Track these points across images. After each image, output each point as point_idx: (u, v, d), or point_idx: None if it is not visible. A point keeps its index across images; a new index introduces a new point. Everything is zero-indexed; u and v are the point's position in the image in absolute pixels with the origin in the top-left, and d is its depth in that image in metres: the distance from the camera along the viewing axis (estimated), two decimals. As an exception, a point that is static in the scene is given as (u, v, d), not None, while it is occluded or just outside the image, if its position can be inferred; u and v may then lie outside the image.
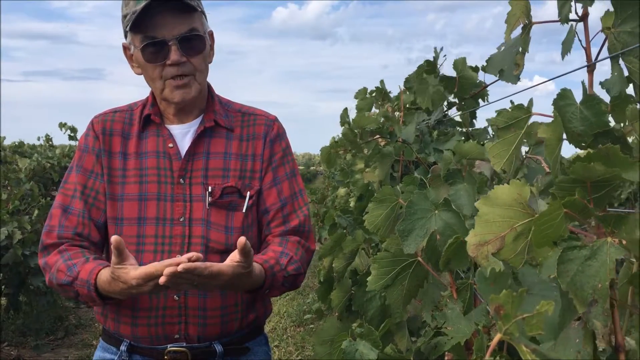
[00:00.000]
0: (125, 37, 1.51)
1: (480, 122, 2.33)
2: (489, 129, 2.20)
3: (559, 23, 0.89)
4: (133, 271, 1.29)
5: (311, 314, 5.90)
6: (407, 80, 2.33)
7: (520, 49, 0.99)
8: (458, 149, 1.25)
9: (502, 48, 1.05)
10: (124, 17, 1.45)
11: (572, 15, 0.87)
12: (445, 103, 2.21)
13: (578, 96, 0.81)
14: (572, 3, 0.87)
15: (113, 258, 1.31)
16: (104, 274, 1.37)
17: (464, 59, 2.11)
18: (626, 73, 0.85)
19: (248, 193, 1.54)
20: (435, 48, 2.15)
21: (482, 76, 2.21)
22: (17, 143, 10.04)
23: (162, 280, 1.23)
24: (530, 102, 0.86)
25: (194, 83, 1.50)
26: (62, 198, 1.56)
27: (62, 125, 9.67)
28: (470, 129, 2.21)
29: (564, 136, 0.80)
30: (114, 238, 1.28)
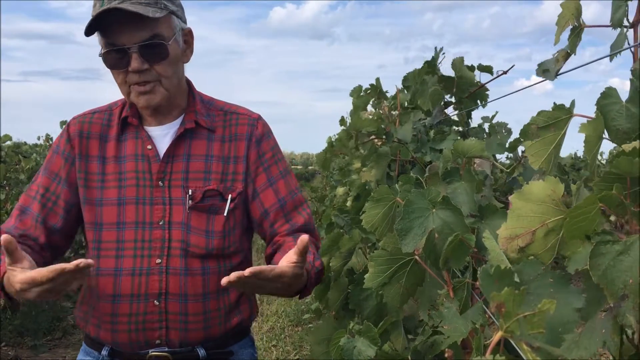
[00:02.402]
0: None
1: (475, 122, 2.33)
2: (485, 127, 2.20)
3: (598, 27, 0.91)
4: (20, 274, 1.24)
5: (310, 314, 5.89)
6: (405, 79, 2.32)
7: (569, 50, 1.00)
8: (457, 147, 1.24)
9: (556, 54, 1.07)
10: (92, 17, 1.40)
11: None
12: (442, 103, 2.21)
13: (580, 97, 0.81)
14: (626, 8, 0.89)
15: (6, 259, 1.26)
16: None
17: (461, 59, 2.10)
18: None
19: (230, 196, 1.50)
20: (435, 48, 2.14)
21: (477, 76, 2.21)
22: (14, 143, 10.00)
23: (224, 281, 1.16)
24: (572, 103, 0.86)
25: (158, 89, 1.45)
26: (24, 199, 1.54)
27: (63, 123, 9.61)
28: (466, 128, 2.21)
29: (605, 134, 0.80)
30: (3, 237, 1.23)
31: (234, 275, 1.17)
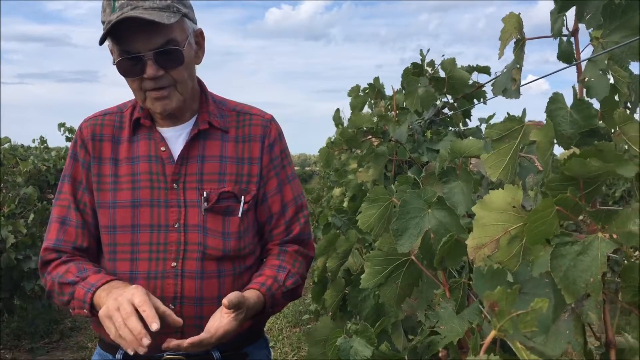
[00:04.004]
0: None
1: (475, 122, 2.33)
2: (482, 128, 2.20)
3: (551, 37, 0.93)
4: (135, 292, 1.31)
5: (309, 315, 5.89)
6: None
7: (517, 65, 1.02)
8: (454, 147, 1.24)
9: (505, 70, 1.09)
10: (102, 23, 1.40)
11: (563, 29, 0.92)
12: (439, 103, 2.21)
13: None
14: (564, 18, 0.91)
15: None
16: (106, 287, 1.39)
17: (453, 60, 2.11)
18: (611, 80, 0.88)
19: (243, 197, 1.50)
20: (421, 50, 2.15)
21: (475, 76, 2.21)
22: (11, 145, 9.98)
23: (164, 346, 1.31)
24: (524, 112, 0.88)
25: (174, 94, 1.44)
26: (59, 210, 1.53)
27: (61, 126, 9.62)
28: (462, 128, 2.21)
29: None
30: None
31: (174, 343, 1.29)
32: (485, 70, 2.16)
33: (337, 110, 2.59)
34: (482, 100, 2.19)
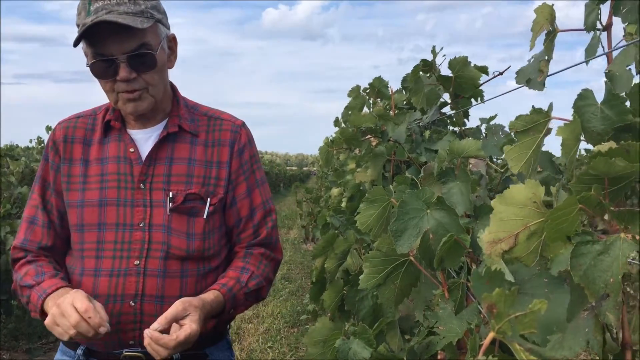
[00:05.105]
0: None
1: (473, 122, 2.32)
2: (482, 128, 2.19)
3: (571, 30, 0.92)
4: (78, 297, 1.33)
5: (307, 315, 5.89)
6: (404, 80, 2.32)
7: (546, 57, 1.01)
8: (452, 147, 1.24)
9: (532, 60, 1.08)
10: (77, 26, 1.42)
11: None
12: (439, 102, 2.20)
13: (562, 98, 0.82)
14: (599, 12, 0.89)
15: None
16: (60, 292, 1.41)
17: (464, 58, 2.09)
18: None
19: (209, 199, 1.52)
20: (434, 47, 2.13)
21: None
22: (8, 146, 9.97)
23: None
24: (550, 106, 0.86)
25: (146, 97, 1.47)
26: (29, 210, 1.59)
27: (48, 129, 9.63)
28: (463, 128, 2.20)
29: (582, 137, 0.80)
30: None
31: (148, 338, 1.31)
32: (483, 70, 2.15)
33: (346, 109, 2.59)
34: (479, 100, 2.19)
